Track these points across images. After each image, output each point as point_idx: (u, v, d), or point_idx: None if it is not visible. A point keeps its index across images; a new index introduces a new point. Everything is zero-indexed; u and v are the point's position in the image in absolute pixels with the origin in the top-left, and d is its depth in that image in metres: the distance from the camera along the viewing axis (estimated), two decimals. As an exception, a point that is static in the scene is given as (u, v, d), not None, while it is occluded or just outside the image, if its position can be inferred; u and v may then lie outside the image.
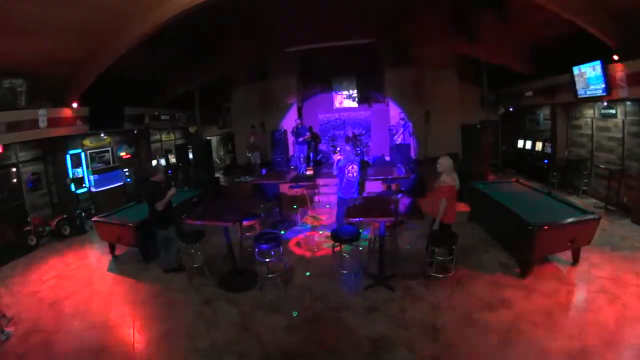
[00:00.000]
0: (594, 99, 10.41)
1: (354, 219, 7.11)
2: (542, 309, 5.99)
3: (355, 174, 9.37)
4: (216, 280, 7.70)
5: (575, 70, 10.28)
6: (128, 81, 12.74)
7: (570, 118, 12.91)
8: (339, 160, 9.86)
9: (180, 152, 16.35)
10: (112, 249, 9.56)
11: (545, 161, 13.80)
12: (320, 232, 10.38)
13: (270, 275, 7.28)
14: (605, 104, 10.76)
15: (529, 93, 13.74)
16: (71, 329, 6.37)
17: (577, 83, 10.36)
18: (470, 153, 13.29)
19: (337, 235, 7.42)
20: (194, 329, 6.10)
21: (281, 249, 7.66)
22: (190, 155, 15.65)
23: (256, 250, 7.28)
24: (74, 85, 10.81)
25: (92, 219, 9.81)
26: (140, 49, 10.35)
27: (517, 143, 16.05)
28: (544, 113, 14.43)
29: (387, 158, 17.13)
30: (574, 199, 9.72)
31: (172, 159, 16.91)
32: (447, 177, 7.07)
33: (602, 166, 10.95)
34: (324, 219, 11.55)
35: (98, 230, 9.61)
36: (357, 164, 9.53)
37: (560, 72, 11.09)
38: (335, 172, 9.95)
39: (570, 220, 7.02)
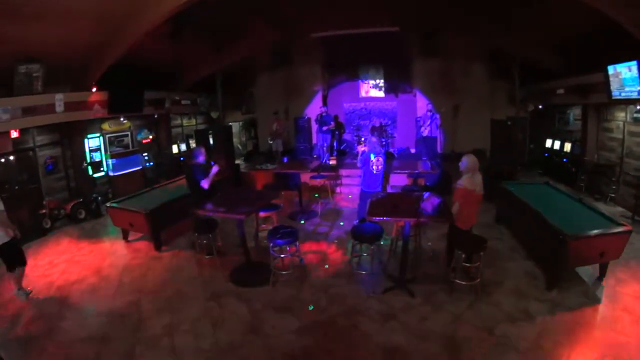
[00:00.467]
0: (629, 101, 9.86)
1: (377, 218, 6.63)
2: (566, 327, 5.61)
3: (380, 167, 8.95)
4: (227, 273, 7.41)
5: (610, 69, 9.64)
6: (149, 65, 12.53)
7: (601, 120, 12.27)
8: (363, 152, 9.25)
9: (201, 138, 15.99)
10: (125, 235, 9.44)
11: (574, 163, 13.18)
12: (341, 224, 10.21)
13: (284, 272, 6.99)
14: (638, 107, 10.21)
15: (561, 91, 13.08)
16: (76, 316, 6.22)
17: (611, 83, 9.73)
18: (499, 150, 12.69)
19: (357, 233, 7.11)
20: (199, 326, 5.84)
21: (297, 244, 7.28)
22: (211, 141, 15.43)
23: (270, 244, 6.92)
24: (91, 69, 10.66)
25: (106, 205, 9.68)
26: (161, 33, 10.20)
27: (545, 142, 15.45)
28: (575, 113, 13.89)
29: (412, 150, 16.74)
30: (600, 206, 9.15)
31: (193, 144, 16.61)
32: (466, 179, 6.61)
33: (632, 174, 10.44)
34: (344, 210, 11.43)
35: (111, 215, 9.45)
36: (382, 156, 9.08)
37: (595, 71, 10.48)
38: (359, 164, 9.32)
39: (603, 231, 6.50)
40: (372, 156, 8.87)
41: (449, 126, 16.27)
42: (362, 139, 16.06)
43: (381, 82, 18.20)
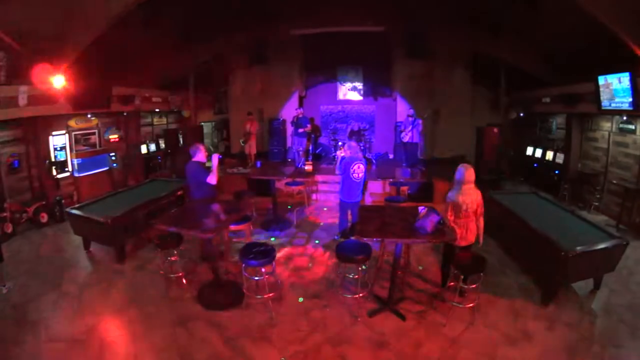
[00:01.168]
0: (620, 112, 9.85)
1: (368, 239, 6.29)
2: (566, 345, 5.57)
3: (361, 175, 8.54)
4: (195, 294, 6.91)
5: (601, 79, 9.65)
6: (119, 59, 11.90)
7: (585, 129, 12.40)
8: (343, 158, 8.81)
9: (170, 138, 15.54)
10: (86, 244, 8.92)
11: (557, 172, 13.30)
12: (316, 242, 9.50)
13: (259, 296, 6.47)
14: (624, 118, 10.28)
15: (547, 99, 13.07)
16: (32, 341, 5.69)
17: (601, 94, 9.76)
18: (484, 158, 12.49)
19: (343, 253, 6.38)
20: (166, 358, 5.35)
21: (274, 264, 6.72)
22: (181, 142, 14.91)
23: (243, 265, 6.27)
24: (56, 61, 9.84)
25: (66, 210, 9.12)
26: (132, 25, 9.77)
27: (525, 150, 15.39)
28: (557, 121, 13.94)
29: (391, 156, 16.57)
30: (584, 215, 9.02)
31: (163, 145, 16.14)
32: (458, 191, 6.32)
33: (616, 182, 10.50)
34: (322, 222, 10.88)
35: (71, 223, 8.90)
36: (363, 163, 8.62)
37: (584, 81, 10.50)
38: (338, 171, 8.89)
39: (602, 245, 6.41)
40: (353, 163, 8.47)
41: (428, 131, 16.06)
42: (341, 143, 15.74)
43: (360, 85, 17.86)
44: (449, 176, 6.93)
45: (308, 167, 13.36)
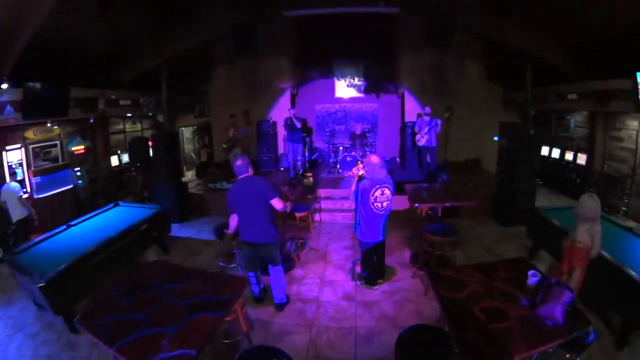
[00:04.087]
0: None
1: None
2: None
3: (386, 204, 7.09)
4: None
5: None
6: (76, 55, 11.11)
7: (609, 128, 12.27)
8: (362, 181, 7.15)
9: (138, 148, 14.15)
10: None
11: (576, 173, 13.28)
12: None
13: None
14: None
15: (573, 96, 12.66)
16: None
17: None
18: (513, 162, 11.83)
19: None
20: None
21: None
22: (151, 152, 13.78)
23: None
24: (2, 59, 9.04)
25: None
26: (90, 13, 9.18)
27: (540, 150, 15.00)
28: (577, 119, 13.76)
29: (397, 160, 16.18)
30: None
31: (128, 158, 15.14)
32: (585, 231, 5.24)
33: None
34: (333, 256, 9.55)
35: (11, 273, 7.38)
36: (390, 186, 7.14)
37: (616, 76, 10.23)
38: (354, 198, 7.39)
39: None
40: (374, 187, 6.96)
41: (441, 132, 15.38)
42: (341, 148, 15.31)
43: (360, 81, 17.35)
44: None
45: (308, 179, 12.20)
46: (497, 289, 5.00)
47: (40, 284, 6.06)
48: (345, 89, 17.44)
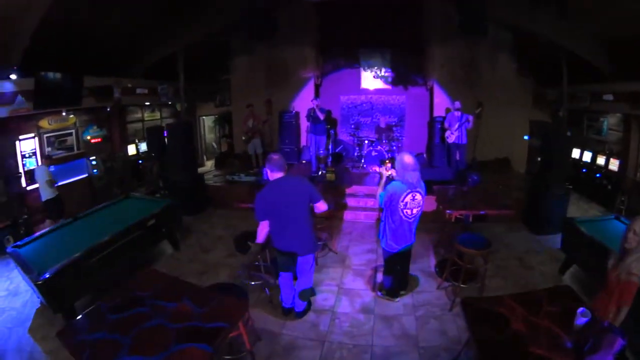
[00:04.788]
0: None
1: None
2: None
3: (416, 210, 6.50)
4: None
5: None
6: (89, 43, 11.12)
7: None
8: (391, 183, 6.54)
9: (154, 137, 14.12)
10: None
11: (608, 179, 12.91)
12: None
13: None
14: None
15: (609, 97, 12.27)
16: None
17: None
18: (547, 165, 11.45)
19: None
20: None
21: None
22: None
23: None
24: (11, 48, 9.15)
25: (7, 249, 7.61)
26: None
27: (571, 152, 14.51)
28: (610, 121, 13.31)
29: (424, 156, 15.97)
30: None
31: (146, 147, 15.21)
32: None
33: None
34: (353, 260, 9.11)
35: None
36: (422, 191, 6.49)
37: None
38: (381, 203, 6.68)
39: None
40: (404, 192, 6.32)
41: (475, 130, 15.25)
42: (387, 161, 14.95)
43: (386, 72, 17.03)
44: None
45: (330, 175, 12.29)
46: (542, 329, 4.46)
47: (38, 282, 5.97)
48: (371, 80, 17.14)
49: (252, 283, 7.71)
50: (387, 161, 7.15)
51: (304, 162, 15.56)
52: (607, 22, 10.64)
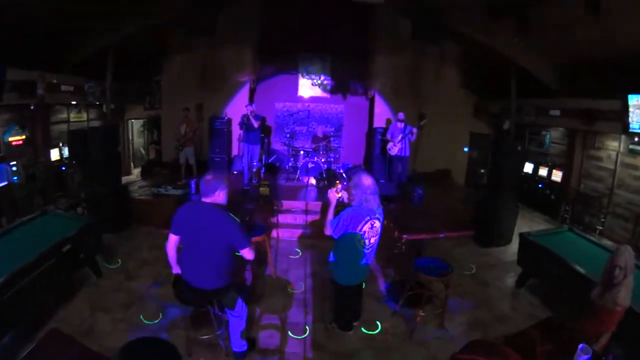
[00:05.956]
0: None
1: None
2: None
3: (373, 239, 6.12)
4: None
5: (632, 99, 9.99)
6: (14, 30, 10.63)
7: (588, 147, 13.12)
8: (346, 210, 6.01)
9: (76, 141, 13.62)
10: None
11: (555, 191, 14.01)
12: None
13: None
14: (636, 139, 10.95)
15: (556, 112, 13.30)
16: None
17: (631, 114, 10.09)
18: (496, 179, 11.93)
19: None
20: None
21: None
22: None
23: None
24: None
25: None
26: None
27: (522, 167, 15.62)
28: (552, 135, 14.62)
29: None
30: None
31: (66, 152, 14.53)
32: (626, 288, 5.03)
33: (624, 207, 11.47)
34: (294, 287, 8.72)
35: None
36: (380, 217, 6.13)
37: (604, 97, 10.95)
38: (331, 230, 6.05)
39: None
40: (362, 218, 5.91)
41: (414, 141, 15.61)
42: (302, 152, 15.34)
43: (325, 80, 17.62)
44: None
45: (264, 189, 12.10)
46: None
47: None
48: (309, 87, 17.71)
49: (202, 337, 6.55)
50: (337, 182, 6.43)
51: (235, 172, 15.75)
52: (561, 42, 11.51)
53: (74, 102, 14.86)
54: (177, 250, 5.78)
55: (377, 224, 6.03)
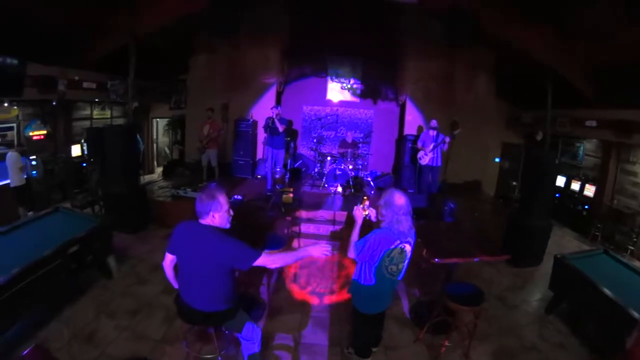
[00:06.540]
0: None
1: None
2: None
3: (402, 265, 5.34)
4: None
5: None
6: (33, 25, 10.45)
7: (623, 161, 12.77)
8: (374, 232, 5.18)
9: (95, 139, 12.87)
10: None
11: (586, 207, 13.60)
12: None
13: None
14: None
15: (592, 123, 13.04)
16: None
17: None
18: (530, 194, 11.13)
19: None
20: None
21: None
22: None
23: None
24: None
25: None
26: None
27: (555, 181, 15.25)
28: (586, 147, 14.26)
29: (391, 177, 16.24)
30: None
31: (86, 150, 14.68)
32: None
33: None
34: (311, 304, 8.22)
35: None
36: (412, 241, 5.34)
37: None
38: (355, 254, 5.20)
39: None
40: (391, 242, 5.10)
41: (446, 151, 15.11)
42: (329, 158, 14.97)
43: (354, 84, 17.38)
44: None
45: (288, 197, 11.80)
46: None
47: None
48: (338, 91, 17.49)
49: (207, 357, 6.06)
50: (365, 198, 5.69)
51: (258, 177, 15.63)
52: (601, 49, 11.17)
53: (97, 100, 14.94)
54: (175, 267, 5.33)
55: (408, 248, 5.26)
